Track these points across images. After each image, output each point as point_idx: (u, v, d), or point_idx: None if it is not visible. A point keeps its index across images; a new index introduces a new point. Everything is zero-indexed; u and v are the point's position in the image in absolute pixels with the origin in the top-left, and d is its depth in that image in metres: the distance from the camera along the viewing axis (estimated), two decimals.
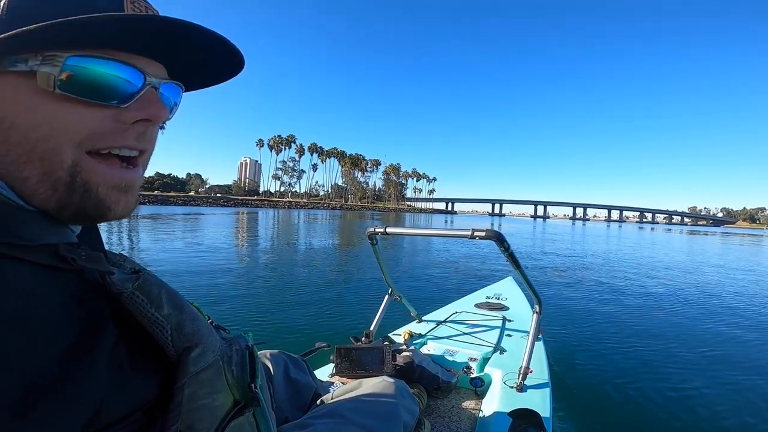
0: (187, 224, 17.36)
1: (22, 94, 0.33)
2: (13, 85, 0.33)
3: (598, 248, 14.42)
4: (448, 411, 1.51)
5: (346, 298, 4.80)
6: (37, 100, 0.33)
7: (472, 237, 1.31)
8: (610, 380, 2.73)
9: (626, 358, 3.18)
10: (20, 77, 0.33)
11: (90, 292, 0.35)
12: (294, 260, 7.91)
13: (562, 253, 11.90)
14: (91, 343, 0.32)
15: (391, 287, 2.08)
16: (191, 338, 0.41)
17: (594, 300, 5.31)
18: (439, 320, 2.32)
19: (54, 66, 0.33)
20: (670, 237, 29.61)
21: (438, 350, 1.86)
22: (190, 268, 6.37)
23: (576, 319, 4.29)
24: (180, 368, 0.39)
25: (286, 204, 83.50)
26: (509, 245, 1.32)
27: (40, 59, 0.32)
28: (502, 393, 1.48)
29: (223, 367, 0.45)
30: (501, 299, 2.82)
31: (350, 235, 15.60)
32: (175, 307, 0.41)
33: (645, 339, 3.67)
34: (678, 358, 3.23)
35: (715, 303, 5.50)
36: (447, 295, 4.95)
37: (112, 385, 0.33)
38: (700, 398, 2.52)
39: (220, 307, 4.11)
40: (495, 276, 5.97)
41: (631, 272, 8.28)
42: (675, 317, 4.61)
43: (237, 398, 0.46)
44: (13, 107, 0.32)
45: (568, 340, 3.55)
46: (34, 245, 0.32)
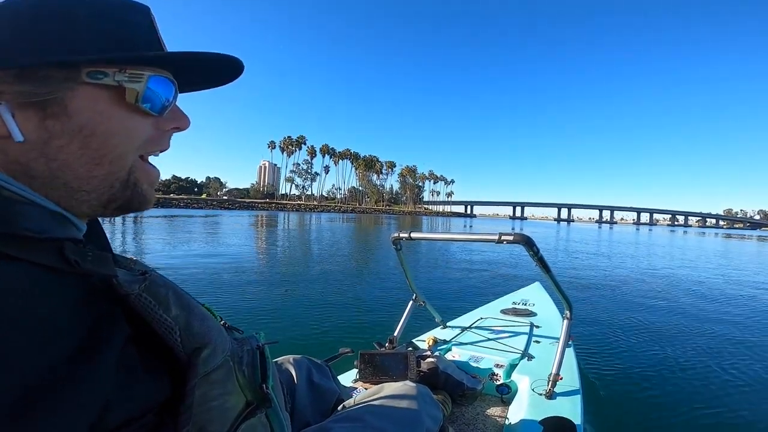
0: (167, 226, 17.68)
1: (102, 104, 0.37)
2: (92, 96, 0.37)
3: (626, 253, 14.03)
4: (473, 418, 1.50)
5: (369, 304, 4.82)
6: (114, 110, 0.38)
7: (499, 241, 1.31)
8: (644, 389, 2.67)
9: (661, 367, 3.10)
10: (100, 89, 0.37)
11: (96, 293, 0.36)
12: (313, 266, 7.98)
13: (589, 257, 11.64)
14: (96, 345, 0.32)
15: (415, 293, 2.09)
16: (200, 339, 0.42)
17: (626, 306, 5.18)
18: (464, 326, 2.31)
19: (139, 83, 0.38)
20: (704, 240, 28.53)
21: (463, 356, 1.86)
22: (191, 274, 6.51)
23: (608, 325, 4.20)
24: (190, 369, 0.41)
25: (295, 207, 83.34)
26: (539, 249, 1.32)
27: (127, 76, 0.38)
28: (530, 400, 1.47)
29: (233, 367, 0.46)
30: (528, 305, 2.80)
31: (366, 240, 15.62)
32: (183, 308, 0.42)
33: (680, 349, 3.56)
34: (716, 372, 3.11)
35: (758, 312, 5.28)
36: (472, 300, 4.92)
37: (120, 386, 0.34)
38: (739, 414, 2.43)
39: (239, 313, 4.18)
40: (521, 281, 5.90)
41: (666, 278, 8.03)
42: (715, 326, 4.44)
43: (249, 399, 0.47)
44: (92, 116, 0.37)
45: (600, 346, 3.49)
46: (38, 237, 0.34)
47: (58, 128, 0.35)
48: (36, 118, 0.35)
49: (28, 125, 0.34)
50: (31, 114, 0.35)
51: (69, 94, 0.35)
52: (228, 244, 11.10)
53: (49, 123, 0.35)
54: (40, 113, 0.35)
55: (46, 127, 0.35)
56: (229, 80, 0.49)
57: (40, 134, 0.35)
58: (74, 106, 0.36)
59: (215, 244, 10.93)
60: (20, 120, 0.34)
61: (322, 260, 8.73)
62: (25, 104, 0.34)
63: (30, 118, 0.34)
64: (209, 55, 0.42)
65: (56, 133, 0.35)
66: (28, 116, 0.34)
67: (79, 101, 0.36)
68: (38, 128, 0.35)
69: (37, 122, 0.35)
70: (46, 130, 0.35)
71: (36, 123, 0.35)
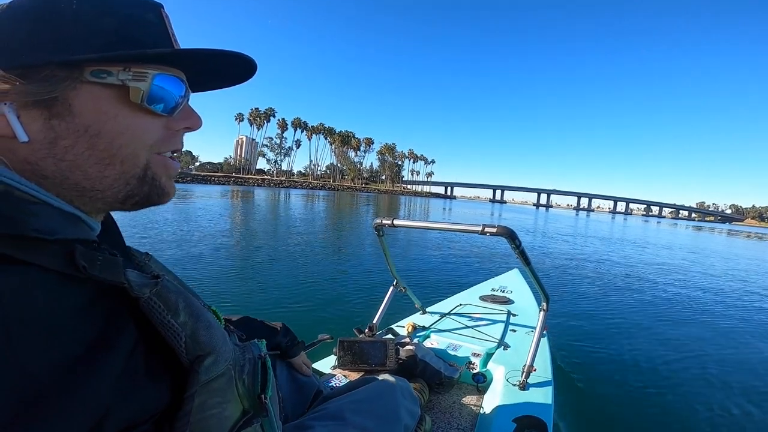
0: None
1: (107, 104, 0.38)
2: (95, 96, 0.37)
3: (603, 242, 14.64)
4: (450, 406, 1.58)
5: (349, 289, 4.85)
6: (119, 109, 0.39)
7: (482, 233, 1.35)
8: (615, 381, 2.83)
9: (632, 357, 3.28)
10: (104, 88, 0.38)
11: (108, 294, 0.37)
12: (288, 248, 7.92)
13: (567, 246, 12.09)
14: (101, 351, 0.33)
15: (396, 278, 2.13)
16: (205, 347, 0.43)
17: (600, 296, 5.45)
18: (444, 312, 2.39)
19: (144, 82, 0.39)
20: (676, 232, 30.10)
21: (441, 344, 1.93)
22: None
23: (581, 315, 4.41)
24: (191, 376, 0.42)
25: (257, 182, 78.41)
26: (521, 243, 1.36)
27: (131, 75, 0.38)
28: (504, 390, 1.55)
29: (234, 376, 0.47)
30: (506, 292, 2.90)
31: (341, 223, 15.54)
32: (191, 314, 0.43)
33: (652, 338, 3.79)
34: (686, 359, 3.34)
35: (726, 301, 5.70)
36: (452, 285, 5.05)
37: (122, 393, 0.34)
38: (708, 401, 2.63)
39: (215, 296, 4.12)
40: (501, 266, 6.07)
41: (638, 268, 8.47)
42: (685, 316, 4.77)
43: (246, 408, 0.48)
44: (97, 116, 0.37)
45: (573, 336, 3.66)
46: (48, 239, 0.34)
47: (63, 128, 0.36)
48: (41, 119, 0.35)
49: (34, 125, 0.35)
50: (37, 114, 0.35)
51: (72, 93, 0.36)
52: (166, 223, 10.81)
53: (54, 123, 0.36)
54: (45, 113, 0.36)
55: (52, 126, 0.36)
56: (242, 80, 0.49)
57: (46, 134, 0.36)
58: (78, 106, 0.36)
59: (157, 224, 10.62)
60: (26, 120, 0.35)
61: (297, 242, 8.68)
62: (30, 104, 0.35)
63: (35, 118, 0.35)
64: (217, 52, 0.42)
65: (62, 133, 0.36)
66: (33, 116, 0.35)
67: (83, 100, 0.37)
68: (44, 128, 0.36)
69: (43, 122, 0.36)
70: (52, 129, 0.36)
71: (42, 123, 0.36)
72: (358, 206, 27.36)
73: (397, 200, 53.42)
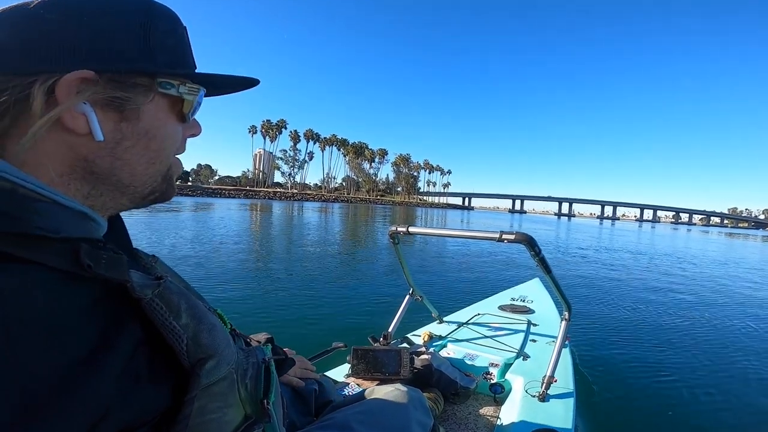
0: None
1: (163, 112, 0.45)
2: (158, 104, 0.44)
3: (629, 252, 14.24)
4: (465, 417, 1.56)
5: (365, 297, 4.88)
6: (170, 117, 0.46)
7: (500, 240, 1.33)
8: (641, 396, 2.73)
9: (661, 374, 3.14)
10: (164, 98, 0.45)
11: (112, 294, 0.38)
12: (304, 258, 7.99)
13: (590, 254, 11.81)
14: (102, 352, 0.34)
15: (412, 287, 2.13)
16: (206, 349, 0.44)
17: (626, 306, 5.30)
18: (461, 322, 2.37)
19: (194, 96, 0.47)
20: (708, 240, 29.02)
21: (458, 354, 1.92)
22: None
23: (606, 326, 4.29)
24: (192, 379, 0.42)
25: (269, 194, 79.56)
26: (540, 249, 1.34)
27: (187, 89, 0.46)
28: (522, 402, 1.52)
29: (236, 380, 0.47)
30: (526, 302, 2.86)
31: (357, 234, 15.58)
32: (193, 317, 0.44)
33: (684, 356, 3.60)
34: (725, 380, 3.13)
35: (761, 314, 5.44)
36: (469, 295, 5.01)
37: (122, 395, 0.34)
38: (739, 417, 2.50)
39: (230, 304, 4.19)
40: (521, 276, 5.97)
41: (668, 278, 8.19)
42: (716, 328, 4.56)
43: (248, 413, 0.48)
44: (155, 122, 0.44)
45: (597, 347, 3.56)
46: (53, 237, 0.35)
47: (129, 130, 0.41)
48: (113, 121, 0.40)
49: (106, 126, 0.39)
50: (111, 116, 0.40)
51: (145, 100, 0.42)
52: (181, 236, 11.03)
53: (123, 125, 0.41)
54: (117, 115, 0.40)
55: (120, 128, 0.41)
56: (240, 90, 0.56)
57: (114, 135, 0.40)
58: (145, 112, 0.42)
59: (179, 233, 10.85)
60: (100, 121, 0.39)
61: (313, 253, 8.74)
62: (106, 106, 0.39)
63: (109, 119, 0.40)
64: (241, 79, 0.52)
65: (127, 135, 0.41)
66: (107, 117, 0.40)
67: (149, 107, 0.43)
68: (114, 130, 0.40)
69: (114, 124, 0.40)
70: (120, 131, 0.41)
71: (113, 125, 0.40)
72: (374, 218, 27.40)
73: (413, 212, 53.32)
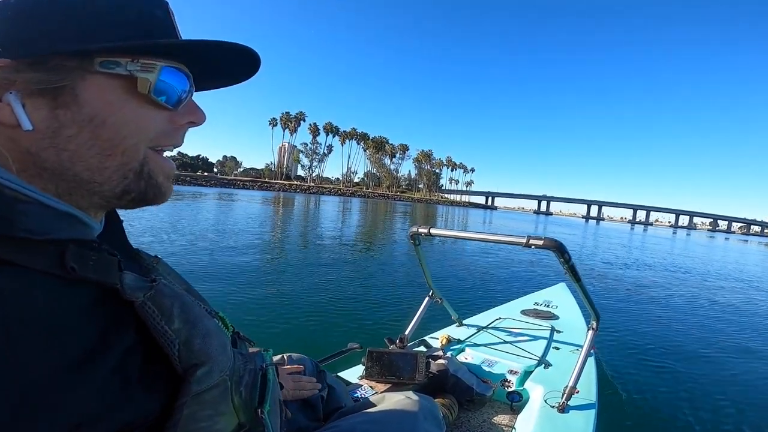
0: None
1: (113, 94, 0.39)
2: (103, 86, 0.38)
3: (664, 259, 13.79)
4: (479, 425, 1.54)
5: (383, 298, 4.87)
6: (125, 101, 0.40)
7: (527, 245, 1.30)
8: (668, 413, 2.64)
9: (690, 391, 3.04)
10: (111, 78, 0.38)
11: (105, 296, 0.37)
12: (322, 256, 8.06)
13: (621, 261, 11.49)
14: (95, 353, 0.33)
15: (432, 288, 2.11)
16: (198, 356, 0.43)
17: (656, 317, 5.15)
18: (481, 326, 2.35)
19: (151, 73, 0.40)
20: (748, 249, 27.70)
21: (476, 359, 1.89)
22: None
23: (634, 338, 4.16)
24: (183, 386, 0.41)
25: (284, 187, 79.12)
26: (570, 257, 1.30)
27: (139, 66, 0.39)
28: (540, 412, 1.49)
29: (230, 387, 0.46)
30: (551, 307, 2.80)
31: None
32: (186, 321, 0.43)
33: (717, 372, 3.48)
34: (748, 393, 3.06)
35: None
36: (492, 298, 4.96)
37: (114, 397, 0.34)
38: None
39: (243, 305, 4.20)
40: (546, 279, 5.86)
41: (701, 289, 7.92)
42: (758, 350, 4.34)
43: (241, 421, 0.47)
44: (103, 106, 0.38)
45: (623, 360, 3.46)
46: (37, 239, 0.34)
47: (68, 117, 0.37)
48: (46, 108, 0.36)
49: (39, 114, 0.36)
50: (42, 103, 0.36)
51: (80, 83, 0.37)
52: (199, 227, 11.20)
53: (59, 112, 0.37)
54: (51, 102, 0.36)
55: (56, 116, 0.37)
56: (245, 77, 0.50)
57: (50, 123, 0.36)
58: (85, 96, 0.37)
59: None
60: (30, 109, 0.36)
61: (330, 251, 8.81)
62: (35, 93, 0.36)
63: (40, 107, 0.36)
64: (223, 44, 0.43)
65: (66, 123, 0.37)
66: (38, 105, 0.36)
67: (90, 90, 0.38)
68: (48, 117, 0.36)
69: (48, 111, 0.36)
70: (57, 119, 0.37)
71: (46, 112, 0.36)
72: (393, 215, 27.37)
73: (433, 210, 53.00)
